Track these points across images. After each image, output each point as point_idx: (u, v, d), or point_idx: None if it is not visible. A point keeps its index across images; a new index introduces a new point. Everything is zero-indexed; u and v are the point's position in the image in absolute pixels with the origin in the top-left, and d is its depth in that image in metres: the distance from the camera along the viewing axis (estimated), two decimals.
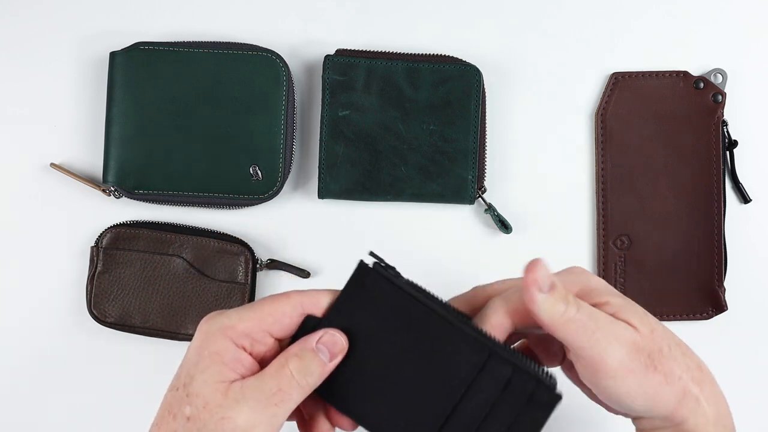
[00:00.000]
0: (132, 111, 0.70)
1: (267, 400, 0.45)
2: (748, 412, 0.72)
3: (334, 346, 0.47)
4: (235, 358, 0.46)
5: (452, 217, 0.73)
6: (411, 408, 0.47)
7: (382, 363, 0.47)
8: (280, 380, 0.46)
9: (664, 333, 0.48)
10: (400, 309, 0.47)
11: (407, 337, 0.47)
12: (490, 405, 0.46)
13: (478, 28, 0.73)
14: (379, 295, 0.48)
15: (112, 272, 0.70)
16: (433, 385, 0.47)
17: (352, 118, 0.70)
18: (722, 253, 0.71)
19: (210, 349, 0.46)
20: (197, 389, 0.46)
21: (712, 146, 0.72)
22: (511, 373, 0.46)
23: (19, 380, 0.71)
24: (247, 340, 0.47)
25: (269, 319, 0.47)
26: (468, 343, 0.47)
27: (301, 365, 0.46)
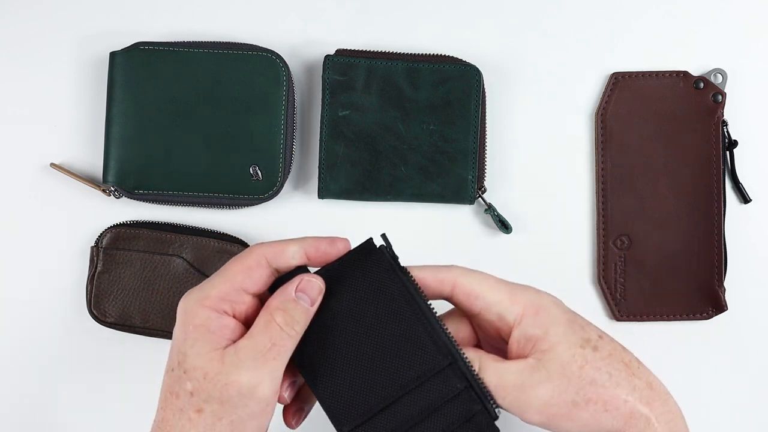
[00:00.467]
0: (132, 111, 0.70)
1: (263, 356, 0.46)
2: (748, 412, 0.72)
3: (312, 290, 0.48)
4: (220, 324, 0.47)
5: (452, 217, 0.73)
6: (361, 384, 0.48)
7: (349, 335, 0.49)
8: (271, 334, 0.47)
9: (604, 360, 0.49)
10: (387, 292, 0.49)
11: (383, 319, 0.48)
12: (432, 409, 0.48)
13: (478, 28, 0.73)
14: (373, 273, 0.49)
15: (112, 272, 0.70)
16: (387, 373, 0.48)
17: (352, 118, 0.70)
18: (722, 253, 0.71)
19: (194, 323, 0.47)
20: (192, 363, 0.47)
21: (712, 146, 0.72)
22: (462, 388, 0.48)
23: (19, 380, 0.71)
24: (225, 303, 0.48)
25: (239, 277, 0.49)
26: (436, 344, 0.48)
27: (286, 316, 0.47)
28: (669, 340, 0.72)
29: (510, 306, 0.49)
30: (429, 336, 0.48)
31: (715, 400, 0.72)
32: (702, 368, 0.72)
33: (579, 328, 0.50)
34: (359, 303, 0.49)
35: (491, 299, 0.50)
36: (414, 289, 0.49)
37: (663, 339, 0.72)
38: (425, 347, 0.48)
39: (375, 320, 0.49)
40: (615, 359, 0.49)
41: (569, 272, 0.73)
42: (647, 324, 0.72)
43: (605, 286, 0.72)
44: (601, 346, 0.49)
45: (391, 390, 0.48)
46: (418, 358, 0.48)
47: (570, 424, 0.48)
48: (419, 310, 0.49)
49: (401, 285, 0.49)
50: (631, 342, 0.72)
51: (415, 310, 0.49)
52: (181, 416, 0.47)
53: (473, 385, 0.48)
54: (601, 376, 0.48)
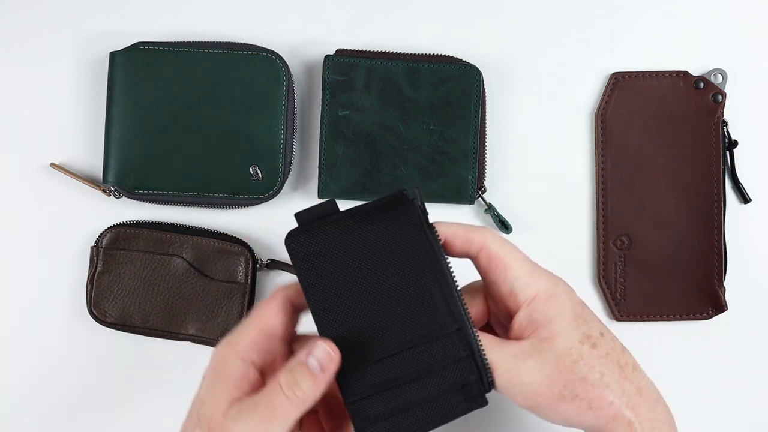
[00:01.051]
0: (132, 111, 0.70)
1: (260, 416, 0.46)
2: (748, 411, 0.72)
3: (324, 359, 0.46)
4: (241, 375, 0.47)
5: (452, 217, 0.72)
6: (365, 330, 0.47)
7: (366, 280, 0.48)
8: (271, 395, 0.46)
9: (600, 359, 0.49)
10: (410, 245, 0.48)
11: (401, 272, 0.48)
12: (430, 370, 0.47)
13: (478, 28, 0.73)
14: (400, 223, 0.48)
15: (112, 272, 0.70)
16: (395, 325, 0.47)
17: (352, 118, 0.70)
18: (722, 253, 0.71)
19: (220, 371, 0.47)
20: (206, 411, 0.47)
21: (712, 146, 0.72)
22: (464, 355, 0.47)
23: (19, 380, 0.71)
24: (253, 352, 0.48)
25: (266, 325, 0.48)
26: (449, 308, 0.47)
27: (289, 378, 0.46)
28: (669, 340, 0.72)
29: (526, 284, 0.49)
30: (444, 298, 0.48)
31: (715, 400, 0.72)
32: (702, 368, 0.72)
33: (583, 322, 0.50)
34: (381, 250, 0.48)
35: (512, 272, 0.49)
36: (438, 249, 0.48)
37: (663, 339, 0.72)
38: (437, 308, 0.47)
39: (393, 271, 0.48)
40: (611, 359, 0.49)
41: (569, 272, 0.72)
42: (647, 324, 0.72)
43: (605, 286, 0.72)
44: (601, 344, 0.49)
45: (395, 342, 0.47)
46: (428, 317, 0.47)
47: (553, 415, 0.49)
48: (440, 271, 0.48)
49: (426, 241, 0.48)
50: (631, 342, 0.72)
51: (435, 270, 0.48)
52: None
53: (476, 355, 0.47)
54: (593, 374, 0.48)
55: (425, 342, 0.47)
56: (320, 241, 0.48)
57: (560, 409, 0.48)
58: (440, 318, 0.47)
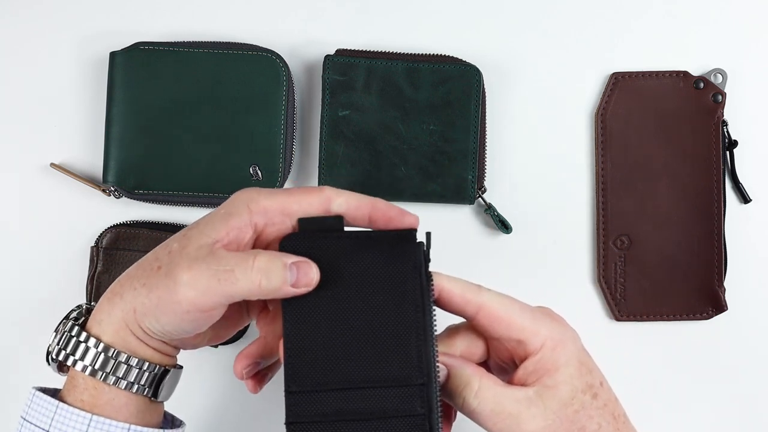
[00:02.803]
0: (132, 111, 0.70)
1: (215, 270, 0.45)
2: (748, 411, 0.72)
3: (305, 278, 0.46)
4: (237, 228, 0.47)
5: (452, 217, 0.73)
6: (331, 356, 0.46)
7: (347, 306, 0.47)
8: (238, 263, 0.45)
9: (599, 410, 0.49)
10: (402, 287, 0.47)
11: (385, 309, 0.47)
12: (382, 415, 0.46)
13: (478, 28, 0.73)
14: (399, 262, 0.47)
15: (112, 272, 0.70)
16: (365, 360, 0.46)
17: (352, 118, 0.70)
18: (722, 253, 0.71)
19: (227, 210, 0.47)
20: (190, 235, 0.47)
21: (712, 146, 0.72)
22: (422, 413, 0.46)
23: (18, 380, 0.71)
24: (262, 218, 0.47)
25: (294, 206, 0.47)
26: (420, 359, 0.46)
27: (265, 264, 0.45)
28: (669, 340, 0.72)
29: (532, 335, 0.49)
30: (418, 349, 0.47)
31: (715, 400, 0.72)
32: (702, 368, 0.72)
33: (587, 371, 0.50)
34: (371, 281, 0.47)
35: (516, 325, 0.49)
36: (428, 299, 0.47)
37: (663, 339, 0.72)
38: (409, 356, 0.46)
39: (377, 305, 0.47)
40: (607, 411, 0.50)
41: (569, 272, 0.73)
42: (647, 324, 0.72)
43: (605, 286, 0.72)
44: (600, 395, 0.50)
45: (356, 377, 0.46)
46: (397, 363, 0.46)
47: None
48: (422, 320, 0.47)
49: (419, 287, 0.47)
50: (631, 342, 0.72)
51: (418, 318, 0.47)
52: (152, 262, 0.47)
53: (433, 415, 0.46)
54: (592, 425, 0.49)
55: (387, 386, 0.46)
56: (314, 251, 0.47)
57: None
58: (409, 367, 0.46)
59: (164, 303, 0.46)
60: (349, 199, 0.48)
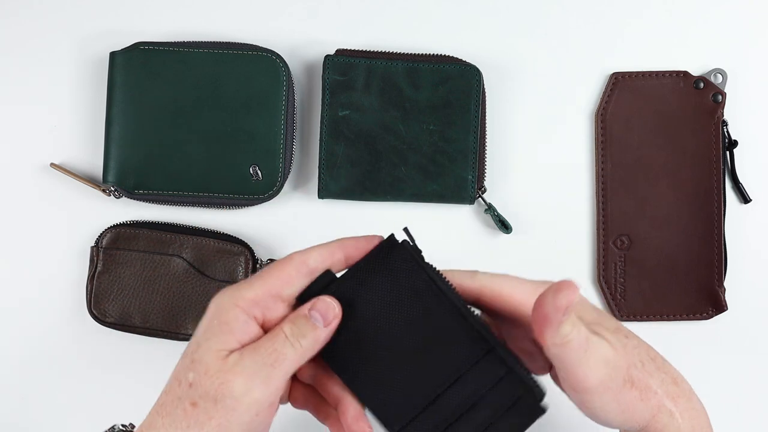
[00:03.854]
0: (132, 111, 0.70)
1: (263, 361, 0.46)
2: (748, 411, 0.72)
3: (327, 311, 0.47)
4: (243, 328, 0.47)
5: (452, 217, 0.73)
6: (399, 385, 0.48)
7: (383, 336, 0.48)
8: (275, 342, 0.46)
9: (637, 348, 0.48)
10: (414, 288, 0.48)
11: (414, 316, 0.48)
12: (474, 399, 0.47)
13: (478, 28, 0.73)
14: (398, 270, 0.48)
15: (112, 272, 0.70)
16: (426, 369, 0.47)
17: (352, 118, 0.70)
18: (722, 253, 0.71)
19: (220, 319, 0.47)
20: (201, 356, 0.46)
21: (712, 146, 0.72)
22: (504, 373, 0.47)
23: (19, 380, 0.71)
24: (257, 308, 0.47)
25: (276, 284, 0.48)
26: (470, 334, 0.47)
27: (293, 328, 0.47)
28: (669, 340, 0.72)
29: None
30: (461, 327, 0.47)
31: (715, 400, 0.72)
32: (702, 368, 0.72)
33: (608, 318, 0.49)
34: (388, 302, 0.48)
35: (519, 300, 0.49)
36: (440, 281, 0.48)
37: (663, 339, 0.72)
38: (459, 339, 0.47)
39: (406, 318, 0.48)
40: (643, 350, 0.49)
41: (569, 272, 0.73)
42: (647, 324, 0.72)
43: (605, 286, 0.72)
44: (630, 336, 0.49)
45: (433, 386, 0.47)
46: (454, 351, 0.47)
47: (614, 404, 0.47)
48: (448, 302, 0.48)
49: (426, 278, 0.48)
50: None
51: (443, 303, 0.48)
52: (178, 405, 0.47)
53: (515, 368, 0.47)
54: (638, 361, 0.48)
55: (461, 375, 0.47)
56: None
57: (623, 397, 0.47)
58: (465, 348, 0.47)
59: (230, 423, 0.46)
60: (320, 251, 0.49)
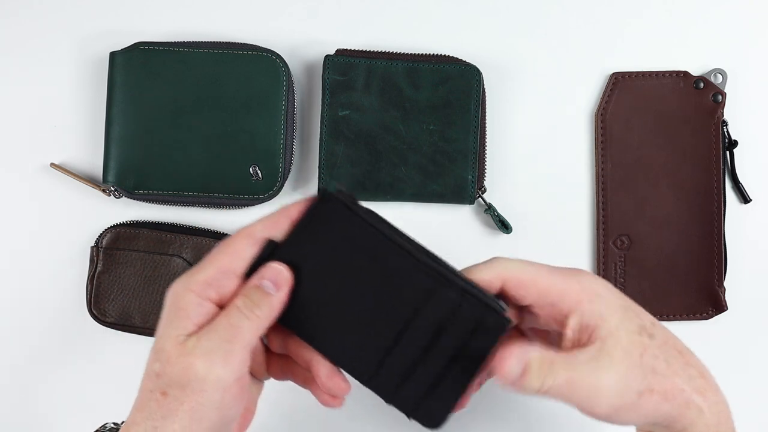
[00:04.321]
0: (132, 111, 0.70)
1: (220, 338, 0.46)
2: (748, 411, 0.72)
3: (276, 277, 0.47)
4: (199, 311, 0.47)
5: (452, 217, 0.73)
6: (359, 335, 0.48)
7: (336, 290, 0.48)
8: (230, 318, 0.46)
9: (663, 346, 0.48)
10: (355, 236, 0.48)
11: (362, 265, 0.48)
12: (435, 330, 0.47)
13: (478, 28, 0.73)
14: (336, 222, 0.48)
15: (112, 272, 0.70)
16: (383, 311, 0.48)
17: (352, 118, 0.70)
18: (722, 253, 0.71)
19: (176, 306, 0.47)
20: (162, 345, 0.47)
21: (712, 146, 0.72)
22: (460, 298, 0.47)
23: (19, 380, 0.71)
24: (211, 289, 0.47)
25: (226, 260, 0.48)
26: (420, 269, 0.47)
27: (246, 300, 0.47)
28: None
29: (565, 294, 0.48)
30: (409, 264, 0.47)
31: None
32: None
33: (634, 315, 0.48)
34: (333, 256, 0.48)
35: (543, 287, 0.48)
36: (379, 223, 0.48)
37: None
38: (409, 276, 0.47)
39: (354, 268, 0.48)
40: (670, 347, 0.48)
41: None
42: None
43: None
44: (656, 334, 0.48)
45: (392, 328, 0.47)
46: (406, 289, 0.47)
47: (634, 415, 0.47)
48: (390, 243, 0.48)
49: (363, 223, 0.48)
50: None
51: (386, 245, 0.48)
52: (150, 397, 0.47)
53: (469, 290, 0.47)
54: (660, 364, 0.47)
55: (417, 312, 0.47)
56: None
57: (640, 408, 0.47)
58: (416, 283, 0.47)
59: (201, 406, 0.46)
60: (264, 222, 0.49)
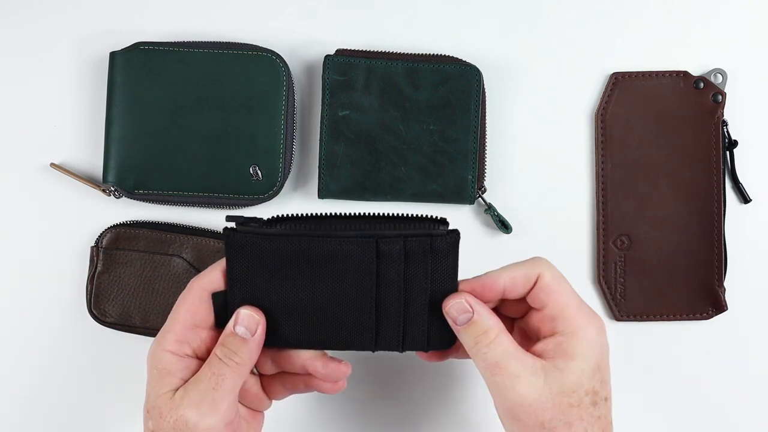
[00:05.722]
0: (132, 111, 0.70)
1: (205, 387, 0.50)
2: (748, 411, 0.72)
3: (249, 322, 0.51)
4: (180, 366, 0.52)
5: (452, 217, 0.72)
6: (343, 319, 0.51)
7: (299, 297, 0.52)
8: (211, 367, 0.51)
9: (592, 418, 0.49)
10: (283, 249, 0.51)
11: (303, 266, 0.51)
12: (403, 279, 0.51)
13: (478, 28, 0.73)
14: (258, 247, 0.51)
15: (112, 272, 0.70)
16: (352, 292, 0.51)
17: (352, 118, 0.70)
18: (722, 253, 0.71)
19: (157, 367, 0.52)
20: (152, 404, 0.51)
21: (712, 146, 0.72)
22: (403, 243, 0.51)
23: (18, 380, 0.71)
24: (184, 345, 0.52)
25: (188, 317, 0.52)
26: (354, 243, 0.51)
27: (224, 349, 0.51)
28: (669, 340, 0.72)
29: (571, 320, 0.50)
30: (345, 243, 0.51)
31: (715, 400, 0.72)
32: (702, 368, 0.72)
33: (599, 380, 0.50)
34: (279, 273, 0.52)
35: (561, 305, 0.51)
36: (293, 228, 0.51)
37: (663, 339, 0.72)
38: (352, 253, 0.51)
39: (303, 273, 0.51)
40: (599, 425, 0.50)
41: (569, 272, 0.72)
42: (647, 324, 0.72)
43: (605, 286, 0.72)
44: (600, 406, 0.50)
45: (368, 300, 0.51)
46: (357, 266, 0.51)
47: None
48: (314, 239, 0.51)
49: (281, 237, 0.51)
50: (631, 342, 0.72)
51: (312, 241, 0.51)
52: None
53: (408, 233, 0.50)
54: (578, 427, 0.49)
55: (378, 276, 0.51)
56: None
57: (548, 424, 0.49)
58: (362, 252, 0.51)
59: None
60: (212, 274, 0.53)
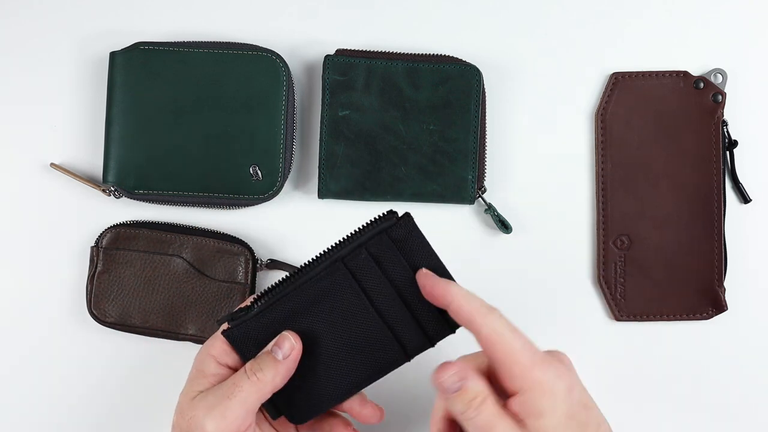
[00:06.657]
0: (132, 111, 0.70)
1: (221, 394, 0.53)
2: (748, 411, 0.72)
3: (283, 343, 0.54)
4: (214, 372, 0.55)
5: (452, 217, 0.73)
6: (365, 348, 0.54)
7: (316, 353, 0.55)
8: (235, 378, 0.53)
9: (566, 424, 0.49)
10: (275, 318, 0.55)
11: (301, 321, 0.54)
12: (386, 280, 0.53)
13: (478, 28, 0.73)
14: (256, 329, 0.55)
15: (112, 272, 0.70)
16: (354, 319, 0.54)
17: (352, 118, 0.70)
18: (722, 253, 0.71)
19: (197, 369, 0.56)
20: (180, 400, 0.55)
21: (712, 146, 0.72)
22: (366, 251, 0.53)
23: (18, 380, 0.71)
24: (229, 358, 0.55)
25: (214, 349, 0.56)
26: (326, 276, 0.54)
27: (254, 364, 0.54)
28: (669, 340, 0.72)
29: (523, 376, 0.49)
30: (317, 284, 0.54)
31: (715, 400, 0.72)
32: (702, 368, 0.72)
33: (576, 426, 0.49)
34: None
35: (509, 361, 0.50)
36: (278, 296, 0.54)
37: (663, 339, 0.72)
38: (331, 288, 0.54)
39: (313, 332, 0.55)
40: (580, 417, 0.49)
41: (569, 272, 0.73)
42: (647, 324, 0.72)
43: (605, 286, 0.72)
44: None
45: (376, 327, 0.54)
46: (342, 297, 0.54)
47: None
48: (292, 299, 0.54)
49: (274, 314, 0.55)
50: (631, 342, 0.72)
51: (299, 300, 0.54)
52: None
53: (366, 240, 0.53)
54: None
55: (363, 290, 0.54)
56: None
57: None
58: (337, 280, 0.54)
59: None
60: None
